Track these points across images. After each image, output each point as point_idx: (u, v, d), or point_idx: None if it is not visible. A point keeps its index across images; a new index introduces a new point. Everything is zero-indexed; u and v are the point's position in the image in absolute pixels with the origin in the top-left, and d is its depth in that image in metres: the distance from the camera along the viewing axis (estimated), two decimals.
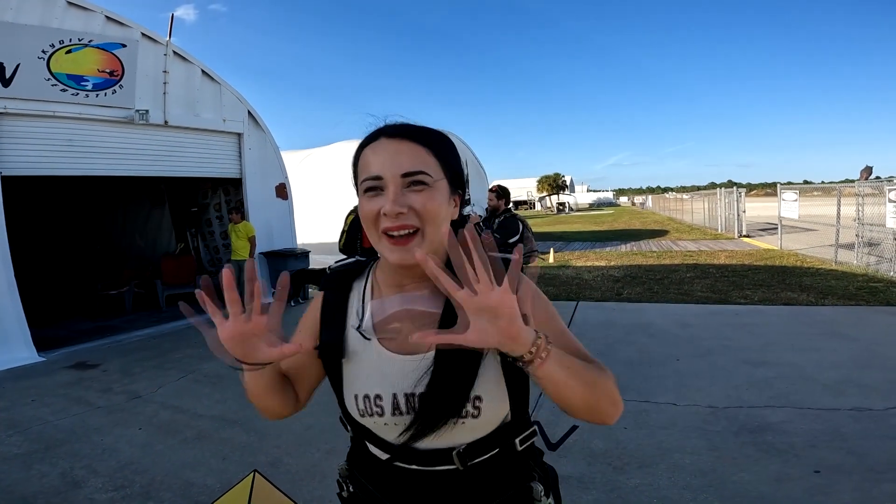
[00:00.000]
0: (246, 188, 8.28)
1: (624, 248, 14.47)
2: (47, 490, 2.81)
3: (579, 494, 2.43)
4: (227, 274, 0.75)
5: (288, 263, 8.27)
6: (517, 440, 0.88)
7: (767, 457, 2.76)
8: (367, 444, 0.92)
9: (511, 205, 4.93)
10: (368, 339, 0.86)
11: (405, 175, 0.78)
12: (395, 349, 0.85)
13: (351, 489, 1.00)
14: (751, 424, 3.16)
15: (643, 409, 3.46)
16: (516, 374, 0.84)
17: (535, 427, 0.92)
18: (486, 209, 4.83)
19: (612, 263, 11.10)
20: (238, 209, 7.96)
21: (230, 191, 8.79)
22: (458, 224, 0.89)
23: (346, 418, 0.94)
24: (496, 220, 4.67)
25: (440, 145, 0.83)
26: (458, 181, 0.86)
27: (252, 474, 1.71)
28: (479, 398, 0.82)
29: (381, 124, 0.86)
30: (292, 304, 8.02)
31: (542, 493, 0.91)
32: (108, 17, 6.25)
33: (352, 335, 0.88)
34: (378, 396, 0.84)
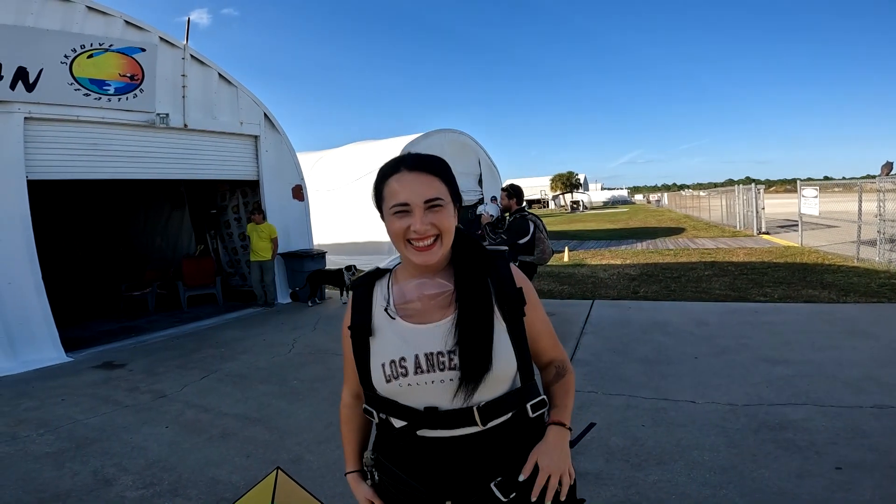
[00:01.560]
0: (263, 190, 8.40)
1: (640, 246, 14.35)
2: (79, 488, 2.90)
3: (598, 490, 2.45)
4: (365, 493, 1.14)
5: (305, 264, 8.38)
6: (528, 406, 1.05)
7: (788, 454, 2.75)
8: (392, 420, 1.05)
9: (524, 204, 4.92)
10: (393, 319, 1.06)
11: (427, 201, 1.01)
12: (414, 322, 1.05)
13: (377, 477, 1.12)
14: (770, 422, 3.14)
15: (661, 407, 3.46)
16: (520, 339, 1.06)
17: (545, 397, 1.09)
18: (500, 208, 4.85)
19: (628, 262, 11.03)
20: (259, 210, 8.08)
21: (248, 193, 8.93)
22: (469, 223, 1.09)
23: (372, 397, 1.07)
24: (506, 221, 4.67)
25: (446, 173, 1.07)
26: (458, 198, 1.10)
27: (275, 471, 1.76)
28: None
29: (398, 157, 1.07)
30: (310, 303, 8.13)
31: None
32: (126, 22, 6.36)
33: (378, 317, 1.08)
34: (402, 359, 1.02)
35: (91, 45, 5.99)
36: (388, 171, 1.06)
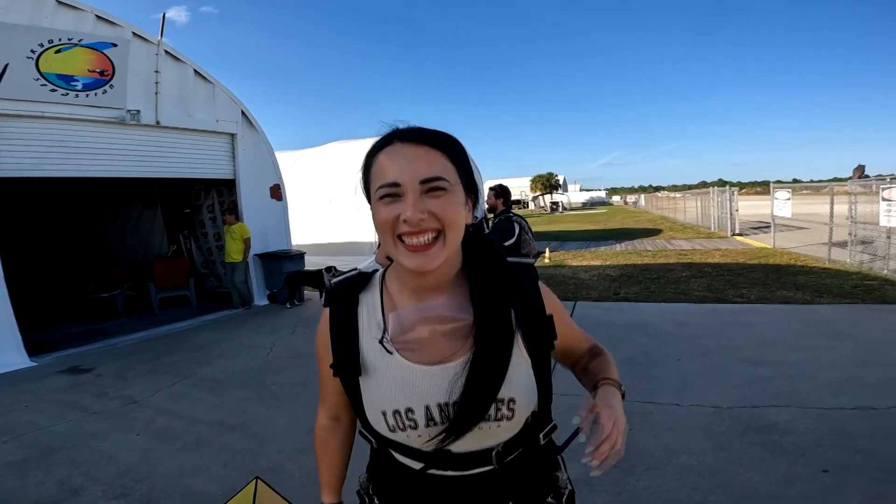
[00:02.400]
0: (240, 189, 8.18)
1: (619, 247, 14.51)
2: (45, 499, 2.75)
3: (590, 497, 2.41)
4: None
5: (283, 265, 8.19)
6: (540, 435, 0.93)
7: (775, 457, 2.75)
8: (396, 454, 0.91)
9: (510, 205, 4.87)
10: (391, 353, 0.84)
11: (424, 181, 0.77)
12: (419, 360, 0.84)
13: (376, 502, 0.98)
14: (756, 424, 3.15)
15: (648, 411, 3.45)
16: (544, 374, 0.89)
17: (556, 422, 0.97)
18: (485, 209, 4.78)
19: (608, 263, 11.12)
20: (232, 210, 7.87)
21: (223, 192, 8.68)
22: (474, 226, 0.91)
23: (370, 430, 0.92)
24: (492, 222, 4.61)
25: (454, 149, 0.82)
26: (472, 185, 0.85)
27: (254, 481, 1.67)
28: (513, 400, 0.84)
29: (391, 129, 0.83)
30: (288, 305, 7.95)
31: (567, 481, 0.99)
32: (98, 17, 6.12)
33: (367, 349, 0.86)
34: (409, 410, 0.83)
35: (60, 39, 5.76)
36: (378, 146, 0.82)
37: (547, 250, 12.92)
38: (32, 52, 5.56)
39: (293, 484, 2.77)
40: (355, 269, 0.98)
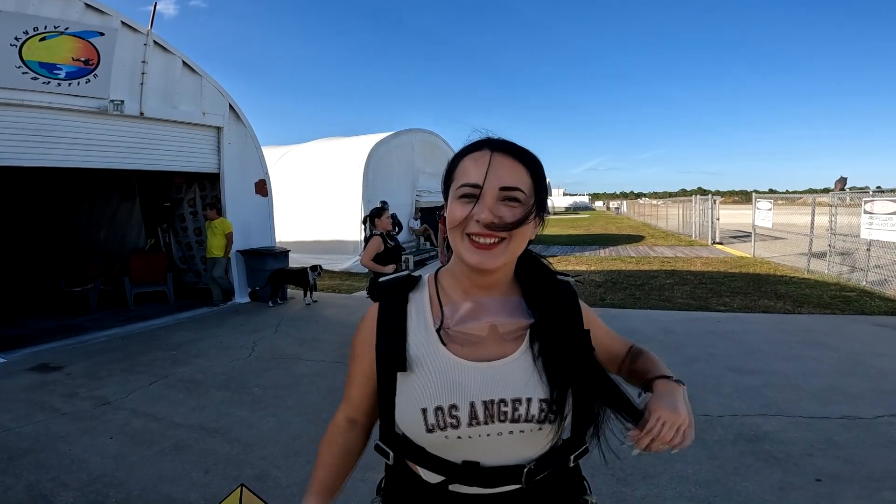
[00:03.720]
0: (224, 184, 7.97)
1: (603, 252, 14.61)
2: None
3: None
4: None
5: (266, 262, 8.01)
6: (571, 456, 0.92)
7: (768, 466, 2.75)
8: (417, 467, 0.86)
9: None
10: (444, 345, 0.85)
11: (503, 188, 0.81)
12: (466, 356, 0.84)
13: None
14: (747, 433, 3.15)
15: None
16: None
17: (588, 445, 0.94)
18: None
19: (593, 268, 11.18)
20: (214, 205, 7.67)
21: (206, 186, 8.45)
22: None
23: (392, 440, 0.88)
24: None
25: (536, 168, 0.85)
26: (543, 204, 0.87)
27: (239, 489, 1.58)
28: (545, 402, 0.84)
29: (484, 136, 0.88)
30: (270, 304, 7.77)
31: None
32: (87, 5, 5.96)
33: (415, 346, 0.86)
34: (453, 406, 0.81)
35: (45, 27, 5.60)
36: (466, 150, 0.86)
37: None
38: (17, 39, 5.39)
39: (280, 493, 2.66)
40: (408, 273, 0.97)
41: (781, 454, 2.87)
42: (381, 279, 0.94)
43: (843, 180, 8.98)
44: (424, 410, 0.81)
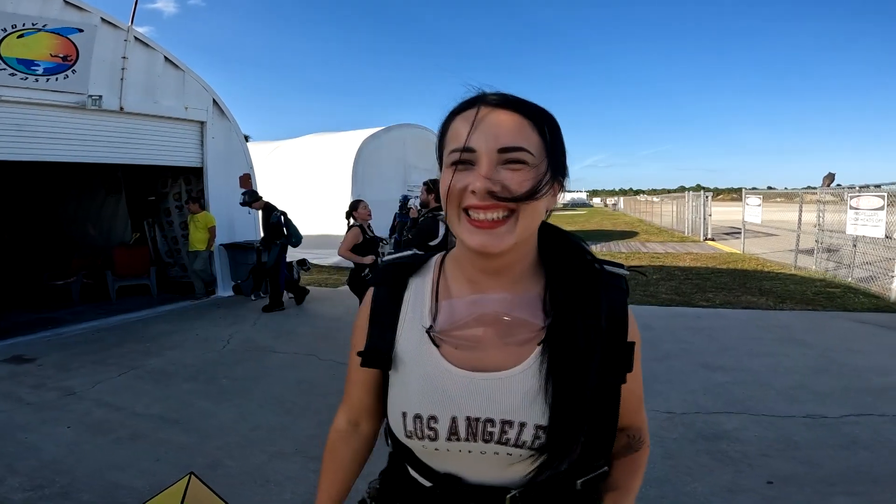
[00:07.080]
0: (207, 178, 7.94)
1: (595, 248, 14.49)
2: None
3: None
4: None
5: (249, 256, 7.97)
6: (579, 481, 0.74)
7: (721, 466, 2.72)
8: (408, 467, 0.79)
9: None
10: (436, 346, 0.72)
11: (502, 150, 0.65)
12: (458, 363, 0.71)
13: None
14: (707, 432, 3.12)
15: None
16: (606, 412, 0.73)
17: (607, 468, 0.78)
18: (417, 205, 4.49)
19: None
20: (196, 199, 7.63)
21: (192, 180, 8.41)
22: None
23: (389, 433, 0.81)
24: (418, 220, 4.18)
25: (546, 122, 0.69)
26: (561, 167, 0.71)
27: (188, 476, 1.56)
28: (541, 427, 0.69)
29: (478, 92, 0.70)
30: (252, 297, 7.75)
31: None
32: (66, 2, 5.95)
33: (403, 340, 0.74)
34: (433, 418, 0.70)
35: (23, 24, 5.61)
36: (459, 108, 0.70)
37: None
38: None
39: (230, 482, 2.66)
40: (413, 252, 0.82)
41: (737, 454, 2.83)
42: (385, 258, 0.83)
43: (830, 176, 8.93)
44: (404, 415, 0.72)
